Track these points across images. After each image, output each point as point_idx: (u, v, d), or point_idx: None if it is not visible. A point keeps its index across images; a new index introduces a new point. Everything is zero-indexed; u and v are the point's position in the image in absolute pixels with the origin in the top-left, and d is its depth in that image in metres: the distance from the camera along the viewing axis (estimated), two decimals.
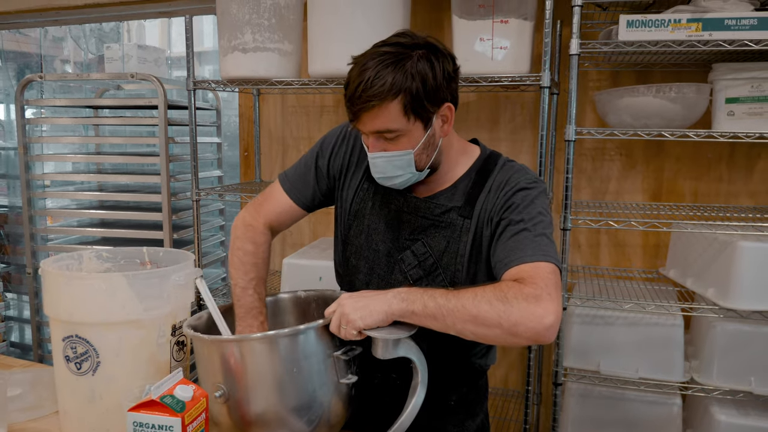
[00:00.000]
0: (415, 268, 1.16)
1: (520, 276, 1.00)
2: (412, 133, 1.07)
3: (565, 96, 2.05)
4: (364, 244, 1.21)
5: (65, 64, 3.19)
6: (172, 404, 0.92)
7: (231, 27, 1.87)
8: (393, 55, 1.03)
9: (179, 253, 1.37)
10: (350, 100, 1.05)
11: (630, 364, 1.74)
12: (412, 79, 1.02)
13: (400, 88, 1.02)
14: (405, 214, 1.19)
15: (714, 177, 2.02)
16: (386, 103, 1.02)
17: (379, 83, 1.01)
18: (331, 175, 1.27)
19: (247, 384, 1.02)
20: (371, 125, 1.06)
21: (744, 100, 1.62)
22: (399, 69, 1.02)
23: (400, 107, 1.03)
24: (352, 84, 1.04)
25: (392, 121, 1.05)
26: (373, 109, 1.03)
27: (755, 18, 1.47)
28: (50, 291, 1.17)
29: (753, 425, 1.63)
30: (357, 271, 1.22)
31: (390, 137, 1.07)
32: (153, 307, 1.16)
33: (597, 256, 2.15)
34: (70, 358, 1.14)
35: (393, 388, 1.18)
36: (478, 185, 1.16)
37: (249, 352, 1.03)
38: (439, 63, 1.05)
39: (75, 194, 2.58)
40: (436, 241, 1.15)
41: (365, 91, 1.02)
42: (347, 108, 1.07)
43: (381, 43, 1.08)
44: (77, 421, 1.18)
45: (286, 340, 1.02)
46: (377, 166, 1.11)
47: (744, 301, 1.58)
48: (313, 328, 1.03)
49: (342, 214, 1.26)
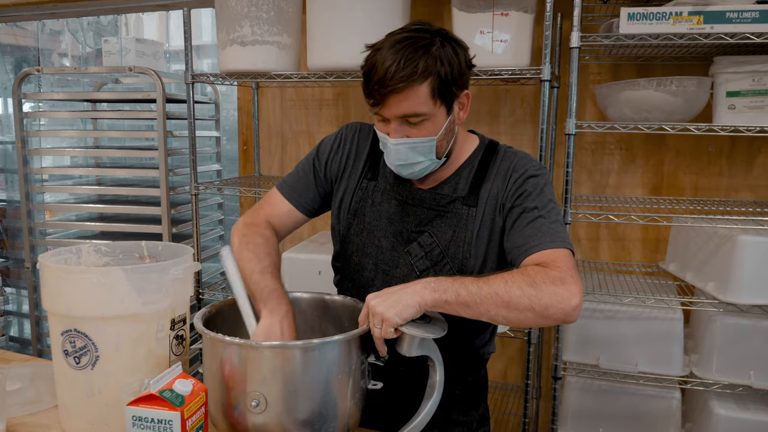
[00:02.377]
0: (421, 259, 1.17)
1: (543, 261, 1.03)
2: (437, 117, 1.09)
3: (565, 89, 2.04)
4: (366, 241, 1.21)
5: (63, 57, 3.17)
6: (171, 398, 0.92)
7: (230, 20, 1.86)
8: (419, 40, 1.05)
9: (178, 247, 1.36)
10: (379, 82, 1.04)
11: (629, 358, 1.74)
12: (441, 63, 1.04)
13: (431, 70, 1.03)
14: (410, 206, 1.19)
15: (714, 171, 2.02)
16: (416, 85, 1.03)
17: (411, 65, 1.02)
18: (328, 178, 1.28)
19: (293, 392, 0.99)
20: (397, 109, 1.06)
21: (745, 93, 1.61)
22: (427, 53, 1.03)
23: (429, 90, 1.05)
24: (380, 67, 1.04)
25: (421, 104, 1.05)
26: (403, 92, 1.04)
27: (757, 11, 1.46)
28: (48, 285, 1.16)
29: (752, 419, 1.63)
30: (361, 268, 1.22)
31: (415, 122, 1.08)
32: (152, 301, 1.15)
33: (597, 250, 2.15)
34: (68, 352, 1.14)
35: (399, 380, 1.19)
36: (481, 173, 1.17)
37: (301, 359, 0.99)
38: (461, 49, 1.09)
39: (73, 188, 2.57)
40: (442, 231, 1.16)
41: (397, 72, 1.02)
42: (371, 93, 1.07)
43: (399, 30, 1.09)
44: (76, 416, 1.18)
45: (337, 346, 1.01)
46: (400, 153, 1.11)
47: (744, 295, 1.58)
48: (357, 335, 1.02)
49: (340, 214, 1.26)
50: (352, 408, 1.06)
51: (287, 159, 2.53)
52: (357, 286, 1.23)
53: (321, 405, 1.01)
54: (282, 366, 1.00)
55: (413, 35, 1.06)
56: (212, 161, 2.69)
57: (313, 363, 1.00)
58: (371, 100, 1.08)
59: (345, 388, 1.04)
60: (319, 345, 1.01)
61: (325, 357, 1.01)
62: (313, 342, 1.02)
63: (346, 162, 1.26)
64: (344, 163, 1.26)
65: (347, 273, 1.26)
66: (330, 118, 2.44)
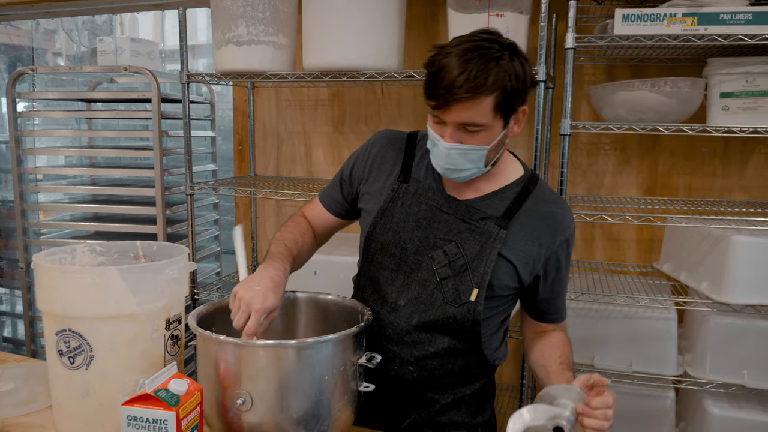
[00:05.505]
0: (444, 267, 1.18)
1: (560, 327, 1.31)
2: (494, 129, 1.10)
3: (560, 90, 2.05)
4: (391, 241, 1.22)
5: (57, 57, 3.16)
6: (166, 398, 0.92)
7: (225, 20, 1.86)
8: (490, 51, 1.05)
9: (173, 247, 1.36)
10: (446, 88, 1.04)
11: (624, 357, 1.75)
12: (509, 78, 1.05)
13: (499, 84, 1.04)
14: (443, 213, 1.21)
15: (708, 172, 2.03)
16: (483, 97, 1.04)
17: (482, 76, 1.03)
18: (354, 182, 1.32)
19: (277, 391, 1.00)
20: (459, 116, 1.07)
21: (738, 94, 1.62)
22: (498, 66, 1.04)
23: (493, 103, 1.06)
24: (449, 73, 1.04)
25: (482, 115, 1.06)
26: (469, 101, 1.04)
27: (750, 12, 1.47)
28: (43, 285, 1.16)
29: (745, 418, 1.64)
30: (382, 267, 1.23)
31: (472, 130, 1.09)
32: (147, 301, 1.15)
33: (591, 251, 2.16)
34: (63, 352, 1.14)
35: (408, 381, 1.21)
36: (519, 202, 1.20)
37: (284, 358, 1.01)
38: (527, 64, 1.10)
39: (68, 188, 2.56)
40: (470, 244, 1.17)
41: (468, 82, 1.02)
42: (434, 96, 1.07)
43: (468, 37, 1.08)
44: (71, 416, 1.18)
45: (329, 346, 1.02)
46: (450, 157, 1.12)
47: (737, 295, 1.59)
48: (346, 335, 1.03)
49: (367, 215, 1.28)
50: (343, 408, 1.07)
51: (282, 159, 2.53)
52: (375, 283, 1.24)
53: (312, 404, 1.02)
54: (271, 365, 1.01)
55: (484, 45, 1.06)
56: (207, 161, 2.68)
57: (304, 362, 1.01)
58: (433, 102, 1.08)
59: (335, 389, 1.04)
60: (310, 344, 1.02)
61: (315, 356, 1.02)
62: (307, 341, 1.03)
63: (371, 165, 1.29)
64: (370, 167, 1.29)
65: (366, 270, 1.27)
66: (325, 118, 2.44)
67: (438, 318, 1.17)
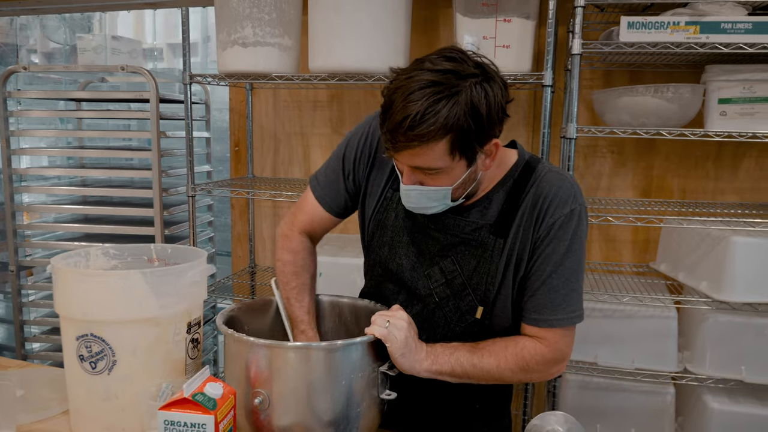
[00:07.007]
0: (441, 286, 1.12)
1: (544, 338, 1.08)
2: (454, 170, 0.99)
3: (559, 94, 2.09)
4: (387, 256, 1.18)
5: (31, 53, 3.06)
6: (204, 401, 0.91)
7: (231, 21, 1.85)
8: (445, 86, 0.92)
9: (188, 250, 1.35)
10: (391, 132, 0.94)
11: (626, 355, 1.79)
12: (464, 117, 0.92)
13: (450, 126, 0.92)
14: (432, 230, 1.12)
15: (701, 174, 2.09)
16: (431, 143, 0.93)
17: (429, 120, 0.91)
18: (357, 180, 1.22)
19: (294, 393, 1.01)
20: (410, 161, 0.98)
21: (736, 100, 1.68)
22: (451, 103, 0.91)
23: (447, 147, 0.94)
24: (395, 114, 0.93)
25: (436, 159, 0.96)
26: (417, 148, 0.94)
27: (750, 22, 1.52)
28: (62, 289, 1.14)
29: (744, 412, 1.70)
30: (384, 280, 1.21)
31: (429, 173, 1.00)
32: (169, 304, 1.14)
33: (589, 251, 2.20)
34: (84, 357, 1.12)
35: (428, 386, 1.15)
36: (514, 198, 1.07)
37: (304, 360, 1.01)
38: (492, 92, 0.95)
39: (60, 189, 2.50)
40: (466, 259, 1.09)
41: (412, 129, 0.91)
42: (385, 136, 0.97)
43: (428, 61, 0.96)
44: (90, 421, 1.16)
45: (341, 351, 1.02)
46: (410, 198, 1.05)
47: (736, 293, 1.64)
48: (366, 341, 1.03)
49: (364, 220, 1.24)
50: (369, 410, 1.07)
51: (280, 160, 2.52)
52: (382, 297, 1.22)
53: (341, 406, 1.02)
54: (301, 366, 1.01)
55: (441, 79, 0.92)
56: (202, 162, 2.65)
57: (334, 364, 1.02)
58: (385, 143, 0.98)
59: (364, 391, 1.04)
60: (339, 347, 1.02)
61: (345, 358, 1.02)
62: (336, 343, 1.03)
63: (373, 161, 1.19)
64: (371, 163, 1.19)
65: (372, 280, 1.25)
66: (324, 120, 2.44)
67: (445, 336, 1.13)
